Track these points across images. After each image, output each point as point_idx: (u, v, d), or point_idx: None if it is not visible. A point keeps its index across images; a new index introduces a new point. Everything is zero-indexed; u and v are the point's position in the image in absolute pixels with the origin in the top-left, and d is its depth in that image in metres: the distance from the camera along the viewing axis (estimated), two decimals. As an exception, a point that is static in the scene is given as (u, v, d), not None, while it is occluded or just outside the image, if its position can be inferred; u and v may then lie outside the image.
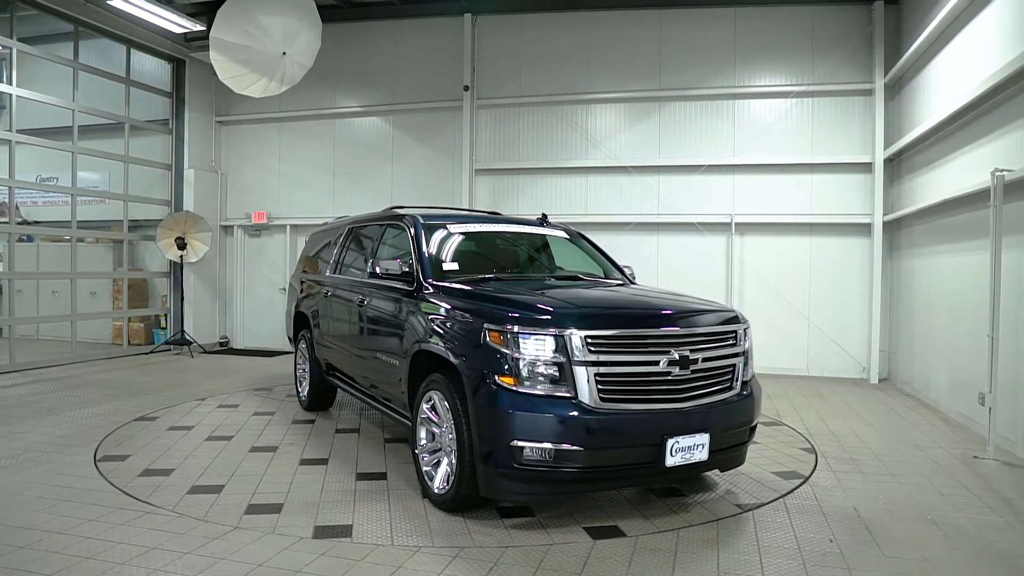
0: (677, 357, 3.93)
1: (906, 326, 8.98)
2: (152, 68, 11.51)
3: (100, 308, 12.15)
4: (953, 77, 7.39)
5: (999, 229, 5.54)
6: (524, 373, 3.75)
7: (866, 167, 9.57)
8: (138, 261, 12.36)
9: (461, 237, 5.49)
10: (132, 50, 10.84)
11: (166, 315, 11.80)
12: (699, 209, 10.24)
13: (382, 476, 4.94)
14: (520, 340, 3.78)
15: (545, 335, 3.77)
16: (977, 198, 6.48)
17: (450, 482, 4.11)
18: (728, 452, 4.25)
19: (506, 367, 3.78)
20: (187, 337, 11.08)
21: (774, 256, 10.03)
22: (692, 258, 10.27)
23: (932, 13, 7.84)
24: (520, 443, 3.68)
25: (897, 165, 9.29)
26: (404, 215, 5.60)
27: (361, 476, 4.93)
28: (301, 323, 7.36)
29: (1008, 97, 6.11)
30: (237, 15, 7.61)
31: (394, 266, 4.96)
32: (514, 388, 3.75)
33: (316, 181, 11.89)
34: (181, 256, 10.99)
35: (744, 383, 4.33)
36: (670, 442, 3.82)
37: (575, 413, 3.70)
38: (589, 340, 3.77)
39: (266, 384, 8.61)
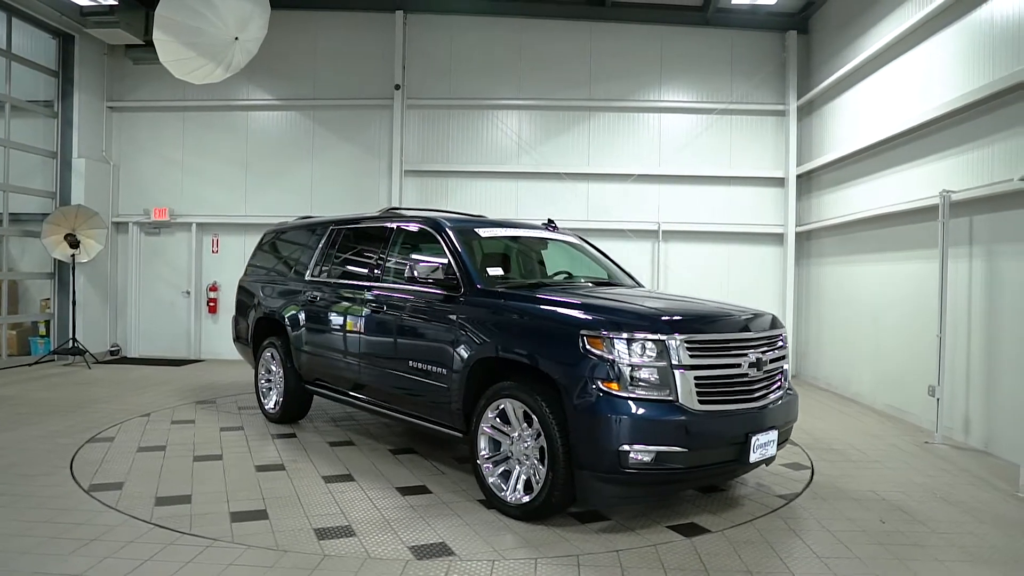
0: (754, 359, 4.16)
1: (815, 327, 9.97)
2: (29, 42, 10.07)
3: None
4: (861, 112, 8.58)
5: (945, 242, 6.36)
6: (629, 378, 3.80)
7: (779, 181, 10.49)
8: (7, 260, 10.77)
9: (490, 242, 5.41)
10: (13, 19, 9.46)
11: (48, 322, 10.40)
12: (627, 216, 10.70)
13: (424, 490, 4.75)
14: (625, 346, 3.83)
15: (648, 340, 3.85)
16: (904, 216, 7.39)
17: (535, 491, 4.05)
18: (781, 447, 4.55)
19: (610, 373, 3.81)
20: (79, 346, 9.84)
21: (696, 262, 10.70)
22: (621, 262, 10.65)
23: (843, 54, 8.95)
24: (628, 447, 3.73)
25: (807, 181, 10.29)
26: (428, 218, 5.42)
27: (403, 491, 4.71)
28: (268, 330, 6.83)
29: (918, 137, 7.25)
30: (188, -8, 6.93)
31: (436, 271, 4.78)
32: (619, 394, 3.79)
33: (226, 177, 11.03)
34: (73, 255, 9.75)
35: (788, 383, 4.66)
36: (753, 439, 4.04)
37: (679, 416, 3.81)
38: (688, 344, 3.90)
39: (204, 396, 7.88)
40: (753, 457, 4.06)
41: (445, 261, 4.93)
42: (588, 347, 3.88)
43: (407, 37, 10.73)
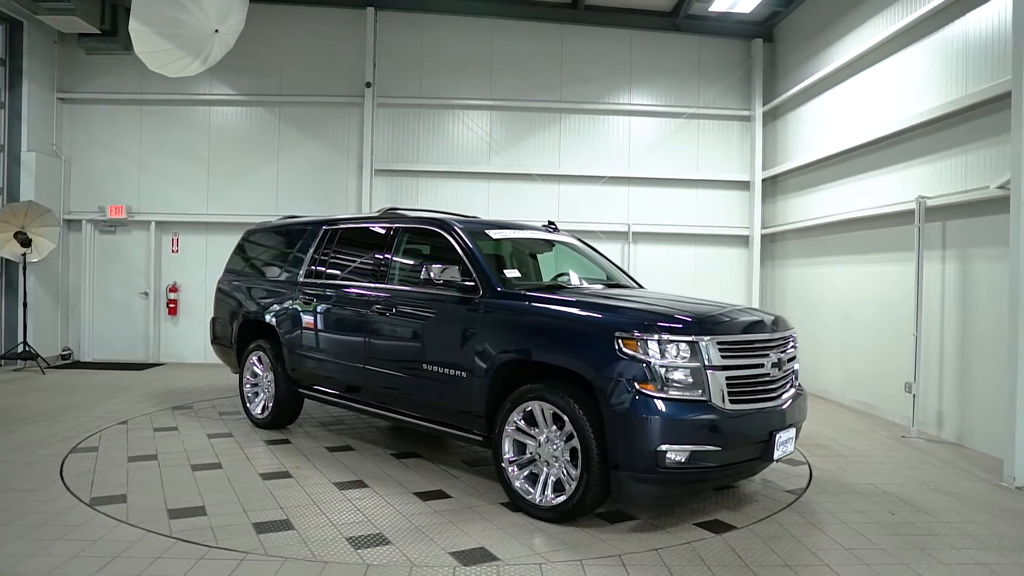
0: (776, 359, 4.30)
1: (780, 325, 10.30)
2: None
3: None
4: (827, 120, 9.00)
5: (921, 245, 6.69)
6: (664, 380, 3.86)
7: (744, 185, 10.80)
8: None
9: (500, 244, 5.39)
10: (-42, 3, 8.89)
11: (-6, 325, 9.79)
12: (598, 218, 10.82)
13: (443, 494, 4.70)
14: (660, 347, 3.88)
15: (683, 341, 3.92)
16: (874, 220, 7.74)
17: (568, 492, 4.06)
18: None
19: (646, 374, 3.86)
20: (30, 350, 9.29)
21: (664, 263, 10.89)
22: (593, 264, 10.80)
23: (808, 64, 9.32)
24: (665, 447, 3.79)
25: (772, 185, 10.62)
26: (437, 219, 5.36)
27: (422, 496, 4.65)
28: (254, 333, 6.62)
29: (888, 145, 7.61)
30: (167, -19, 6.64)
31: (452, 273, 4.73)
32: (656, 394, 3.84)
33: (187, 174, 10.62)
34: (23, 255, 9.21)
35: (799, 382, 4.81)
36: (777, 437, 4.17)
37: (713, 415, 3.89)
38: (720, 345, 3.99)
39: (178, 401, 7.57)
40: (777, 454, 4.19)
41: (461, 263, 4.88)
42: (623, 349, 3.92)
43: (378, 34, 10.56)
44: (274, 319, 6.29)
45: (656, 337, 3.90)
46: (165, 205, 10.56)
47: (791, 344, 4.65)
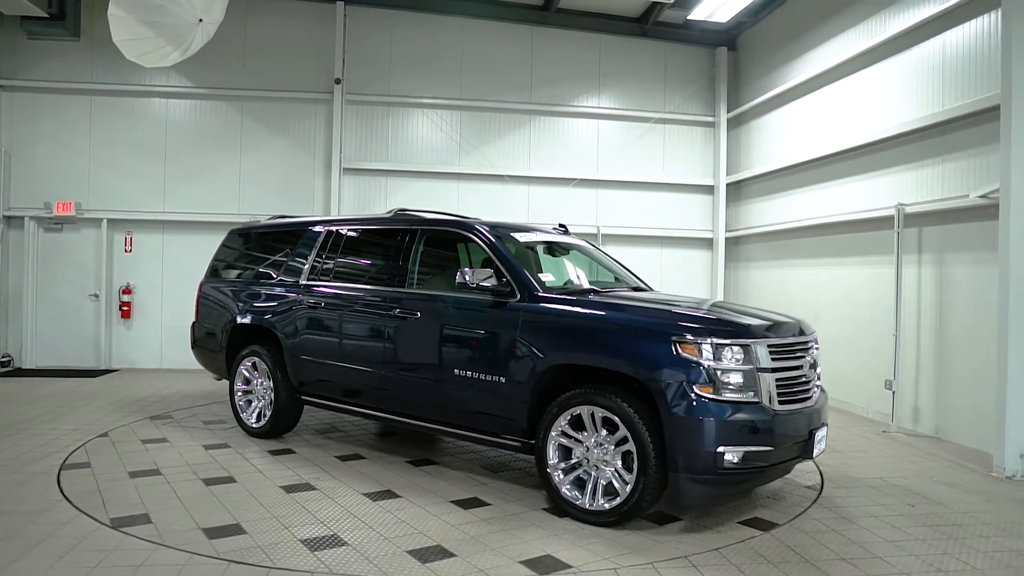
0: (811, 360, 4.45)
1: (744, 325, 10.67)
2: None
3: None
4: (793, 128, 9.43)
5: (899, 249, 7.07)
6: (720, 382, 3.94)
7: (709, 189, 11.12)
8: None
9: (526, 247, 5.35)
10: None
11: (-74, 332, 8.98)
12: (568, 220, 10.81)
13: (480, 502, 4.63)
14: (717, 351, 3.96)
15: (738, 345, 4.01)
16: (848, 225, 8.12)
17: (623, 495, 4.07)
18: (819, 441, 4.88)
19: (704, 378, 3.92)
20: (-29, 359, 8.59)
21: (632, 264, 10.98)
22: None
23: (774, 75, 9.71)
24: (723, 448, 3.87)
25: (736, 189, 10.97)
26: (460, 222, 5.29)
27: (460, 504, 4.56)
28: (248, 338, 6.32)
29: (863, 154, 8.00)
30: (150, -34, 6.26)
31: (489, 277, 4.67)
32: (713, 397, 3.91)
33: (142, 169, 10.05)
34: (-37, 255, 8.49)
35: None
36: (816, 435, 4.32)
37: (765, 416, 4.00)
38: (770, 348, 4.10)
39: (153, 410, 7.16)
40: (815, 451, 4.34)
41: (493, 266, 4.82)
42: (681, 352, 3.97)
43: (347, 30, 10.28)
44: (274, 323, 6.03)
45: (711, 340, 3.98)
46: (117, 202, 9.94)
47: (816, 346, 4.82)
